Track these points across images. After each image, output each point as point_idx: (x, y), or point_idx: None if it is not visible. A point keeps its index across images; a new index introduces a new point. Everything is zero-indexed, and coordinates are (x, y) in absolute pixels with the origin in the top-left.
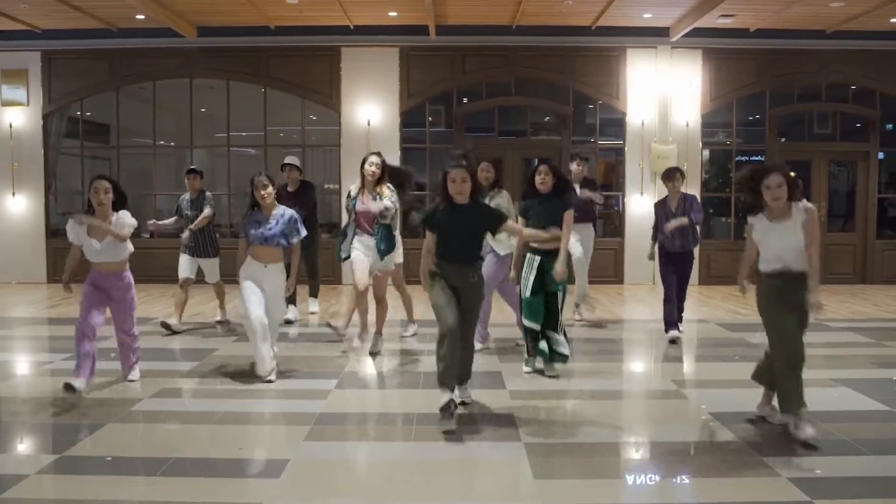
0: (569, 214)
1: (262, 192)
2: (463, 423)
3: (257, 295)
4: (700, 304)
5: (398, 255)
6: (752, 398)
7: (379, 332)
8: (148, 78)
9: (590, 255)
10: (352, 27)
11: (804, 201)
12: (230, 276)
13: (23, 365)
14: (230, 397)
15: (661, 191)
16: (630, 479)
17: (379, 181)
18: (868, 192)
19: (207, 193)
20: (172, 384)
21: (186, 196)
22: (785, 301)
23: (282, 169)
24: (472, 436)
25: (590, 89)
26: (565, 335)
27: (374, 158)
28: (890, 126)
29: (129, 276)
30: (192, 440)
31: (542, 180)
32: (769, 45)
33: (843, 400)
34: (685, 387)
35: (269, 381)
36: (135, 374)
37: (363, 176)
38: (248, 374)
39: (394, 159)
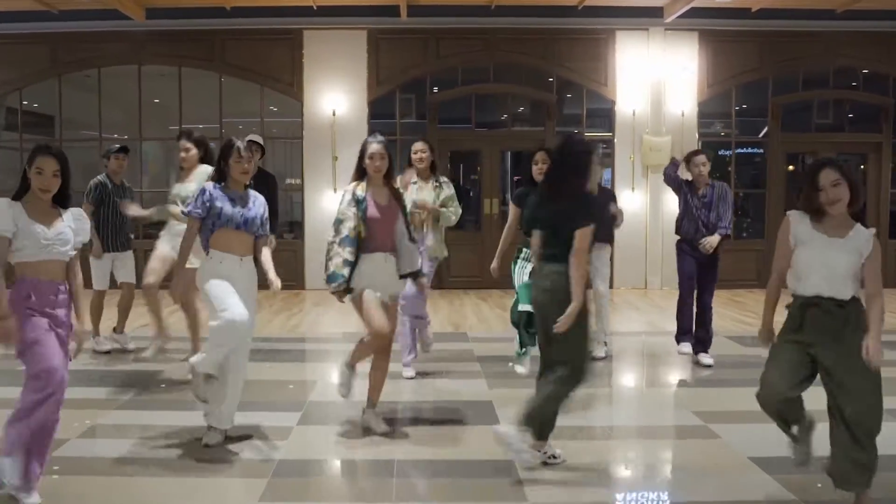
0: None
1: (247, 166)
2: (452, 475)
3: (238, 296)
4: None
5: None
6: None
7: (373, 404)
8: (92, 64)
9: (607, 283)
10: (315, 7)
11: (874, 230)
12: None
13: None
14: (173, 437)
15: (653, 186)
16: None
17: (386, 176)
18: (881, 188)
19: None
20: (104, 419)
21: (105, 179)
22: (801, 339)
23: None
24: (466, 492)
25: (576, 75)
26: None
27: (377, 147)
28: None
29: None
30: (122, 499)
31: (541, 169)
32: (772, 27)
33: None
34: (711, 421)
35: (207, 446)
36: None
37: (362, 171)
38: (196, 405)
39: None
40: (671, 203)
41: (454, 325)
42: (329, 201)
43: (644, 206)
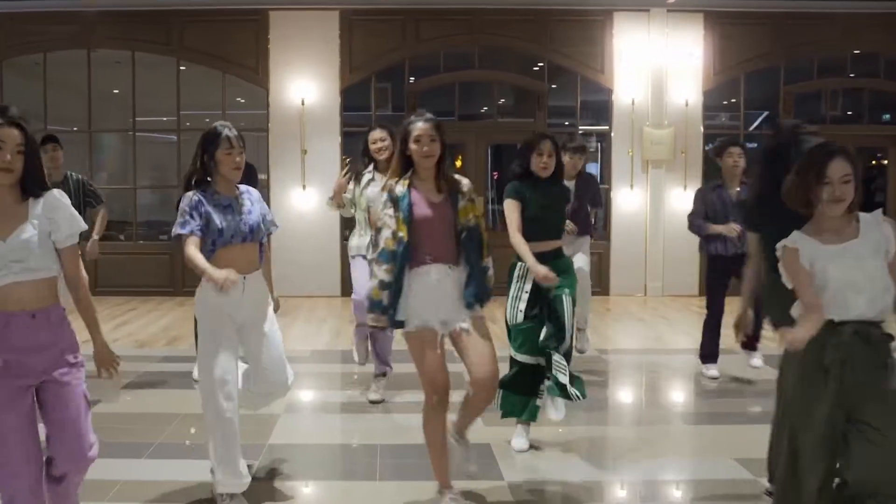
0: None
1: (239, 159)
2: None
3: (232, 351)
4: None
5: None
6: None
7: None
8: (37, 49)
9: (588, 260)
10: None
11: (879, 211)
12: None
13: None
14: (104, 491)
15: (654, 183)
16: None
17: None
18: None
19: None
20: None
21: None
22: (830, 383)
23: None
24: None
25: (569, 61)
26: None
27: (424, 126)
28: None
29: (65, 315)
30: None
31: (546, 163)
32: (785, 8)
33: None
34: (760, 472)
35: None
36: None
37: (402, 158)
38: (133, 448)
39: (333, 146)
40: (673, 201)
41: None
42: (298, 199)
43: (643, 204)
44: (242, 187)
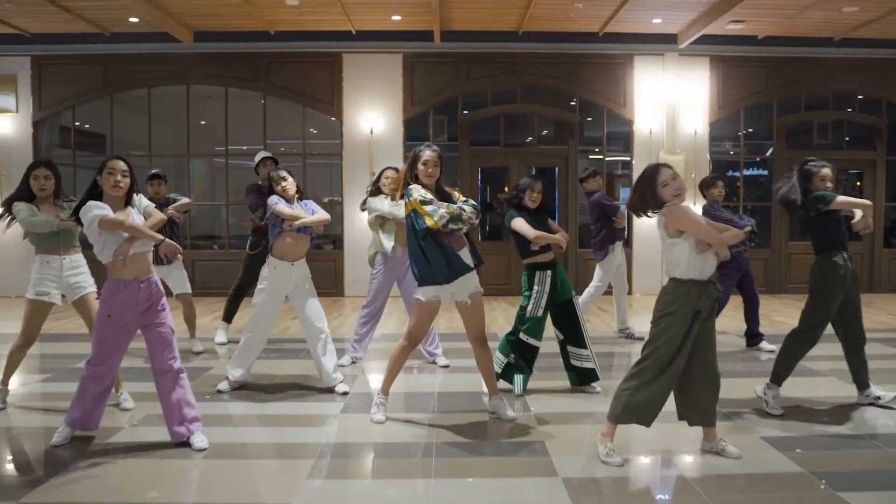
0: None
1: (284, 185)
2: (487, 454)
3: (275, 307)
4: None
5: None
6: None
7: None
8: (142, 84)
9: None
10: (353, 32)
11: None
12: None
13: None
14: (221, 424)
15: None
16: None
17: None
18: (876, 202)
19: (176, 196)
20: (158, 409)
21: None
22: None
23: (258, 168)
24: (501, 471)
25: (597, 97)
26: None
27: (431, 154)
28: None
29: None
30: (172, 483)
31: (535, 199)
32: (777, 53)
33: None
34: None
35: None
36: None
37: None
38: (243, 397)
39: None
40: None
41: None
42: (365, 215)
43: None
44: (305, 201)
